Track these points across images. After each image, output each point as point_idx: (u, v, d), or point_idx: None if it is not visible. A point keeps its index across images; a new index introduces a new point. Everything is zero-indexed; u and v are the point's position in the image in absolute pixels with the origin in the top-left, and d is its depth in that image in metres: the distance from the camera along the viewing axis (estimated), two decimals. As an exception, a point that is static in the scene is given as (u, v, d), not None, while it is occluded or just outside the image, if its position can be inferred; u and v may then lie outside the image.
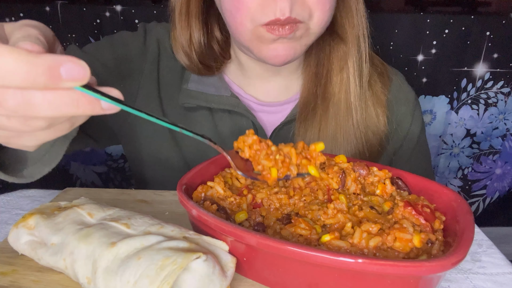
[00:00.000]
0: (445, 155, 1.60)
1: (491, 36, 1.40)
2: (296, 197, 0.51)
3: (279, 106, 0.83)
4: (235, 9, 0.66)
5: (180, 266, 0.37)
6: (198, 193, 0.52)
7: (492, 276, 0.49)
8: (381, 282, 0.38)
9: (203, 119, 0.80)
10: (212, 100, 0.78)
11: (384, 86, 0.83)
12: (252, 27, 0.66)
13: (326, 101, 0.78)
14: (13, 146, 0.40)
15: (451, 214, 0.48)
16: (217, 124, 0.80)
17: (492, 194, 1.68)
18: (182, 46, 0.77)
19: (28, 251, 0.46)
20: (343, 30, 0.76)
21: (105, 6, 1.31)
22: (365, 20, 0.76)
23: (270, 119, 0.83)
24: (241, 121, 0.80)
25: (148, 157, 0.83)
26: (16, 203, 0.64)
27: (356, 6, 0.75)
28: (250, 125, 0.80)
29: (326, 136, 0.77)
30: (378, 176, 0.56)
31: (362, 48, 0.77)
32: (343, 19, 0.76)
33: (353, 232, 0.44)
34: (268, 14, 0.64)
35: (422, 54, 1.42)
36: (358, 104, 0.78)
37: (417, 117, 0.88)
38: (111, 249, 0.40)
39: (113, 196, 0.64)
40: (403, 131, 0.87)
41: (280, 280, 0.43)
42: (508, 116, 1.54)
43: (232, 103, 0.78)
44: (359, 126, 0.78)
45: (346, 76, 0.77)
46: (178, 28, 0.77)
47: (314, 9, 0.66)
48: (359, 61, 0.77)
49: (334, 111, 0.77)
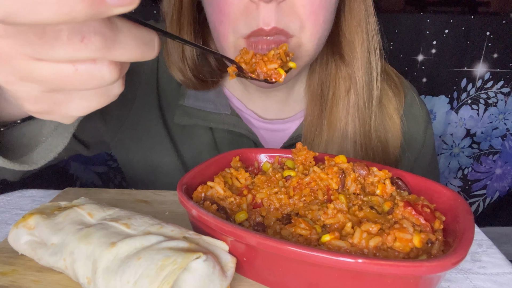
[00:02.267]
0: (445, 155, 1.60)
1: (491, 36, 1.40)
2: (296, 197, 0.51)
3: (281, 125, 0.78)
4: (217, 21, 0.60)
5: (180, 266, 0.37)
6: (198, 193, 0.52)
7: (492, 276, 0.49)
8: (381, 282, 0.38)
9: (202, 134, 0.75)
10: (211, 120, 0.73)
11: (399, 103, 0.77)
12: (234, 39, 0.60)
13: (332, 127, 0.72)
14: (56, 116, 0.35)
15: (451, 214, 0.48)
16: (217, 142, 0.76)
17: (492, 194, 1.68)
18: (175, 62, 0.72)
19: (28, 251, 0.46)
20: (351, 48, 0.69)
21: (105, 6, 1.30)
22: (376, 35, 0.69)
23: (273, 137, 0.78)
24: (242, 140, 0.75)
25: (143, 162, 0.78)
26: (16, 203, 0.64)
27: (367, 19, 0.68)
28: (251, 145, 0.75)
29: None
30: (378, 176, 0.56)
31: (373, 66, 0.70)
32: (352, 34, 0.68)
33: (353, 232, 0.44)
34: (250, 24, 0.57)
35: (422, 54, 1.42)
36: (367, 130, 0.71)
37: (429, 135, 0.83)
38: (111, 249, 0.40)
39: (113, 196, 0.64)
40: (414, 152, 0.81)
41: (280, 280, 0.43)
42: (508, 116, 1.54)
43: (233, 122, 0.73)
44: (367, 150, 0.72)
45: (353, 99, 0.70)
46: (169, 42, 0.72)
47: (305, 20, 0.58)
48: (369, 81, 0.70)
49: (339, 136, 0.72)
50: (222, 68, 0.76)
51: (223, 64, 0.76)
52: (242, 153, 0.61)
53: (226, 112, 0.74)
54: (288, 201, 0.51)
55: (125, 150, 0.80)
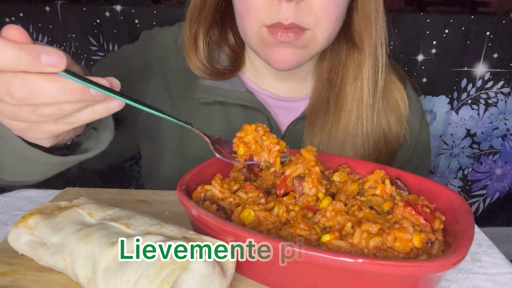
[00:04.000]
0: (445, 155, 1.60)
1: (491, 36, 1.39)
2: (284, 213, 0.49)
3: (294, 103, 0.83)
4: (244, 11, 0.67)
5: (180, 266, 0.37)
6: (198, 193, 0.52)
7: (492, 276, 0.49)
8: (381, 282, 0.38)
9: (216, 115, 0.80)
10: (228, 95, 0.78)
11: (402, 94, 0.83)
12: (257, 28, 0.67)
13: (338, 109, 0.78)
14: (29, 138, 0.49)
15: (451, 214, 0.48)
16: (231, 120, 0.80)
17: (492, 194, 1.68)
18: (191, 58, 0.78)
19: (28, 251, 0.46)
20: (360, 40, 0.76)
21: (105, 6, 1.30)
22: (384, 31, 0.76)
23: (285, 115, 0.83)
24: (256, 116, 0.80)
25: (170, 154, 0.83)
26: (14, 204, 0.64)
27: (376, 15, 0.74)
28: (264, 120, 0.80)
29: (335, 144, 0.77)
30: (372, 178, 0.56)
31: (379, 59, 0.77)
32: (362, 28, 0.75)
33: (353, 232, 0.44)
34: (272, 17, 0.64)
35: (422, 54, 1.42)
36: (370, 115, 0.77)
37: (425, 126, 0.89)
38: (111, 249, 0.40)
39: (113, 196, 0.64)
40: (413, 141, 0.87)
41: (280, 280, 0.43)
42: (508, 116, 1.54)
43: (247, 98, 0.79)
44: (368, 137, 0.78)
45: (360, 86, 0.76)
46: (186, 40, 0.78)
47: (320, 17, 0.66)
48: (375, 71, 0.77)
49: (345, 120, 0.77)
50: (237, 58, 0.81)
51: (240, 55, 0.82)
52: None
53: (241, 90, 0.80)
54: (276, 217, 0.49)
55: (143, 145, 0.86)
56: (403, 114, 0.82)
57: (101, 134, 0.62)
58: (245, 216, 0.48)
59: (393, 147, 0.82)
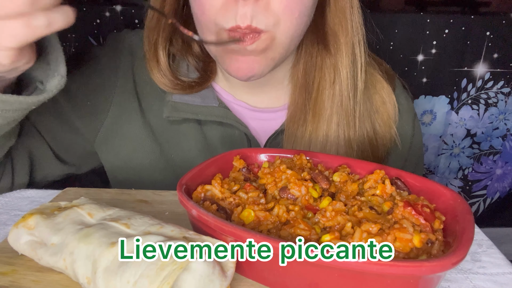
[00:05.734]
0: (446, 155, 1.60)
1: (491, 36, 1.40)
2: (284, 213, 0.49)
3: (272, 113, 0.78)
4: (200, 12, 0.62)
5: (180, 266, 0.37)
6: (198, 193, 0.52)
7: (492, 276, 0.49)
8: (381, 282, 0.38)
9: (191, 131, 0.74)
10: (199, 112, 0.72)
11: (391, 93, 0.77)
12: (216, 30, 0.62)
13: (317, 117, 0.72)
14: None
15: (451, 214, 0.48)
16: (207, 136, 0.75)
17: (492, 195, 1.68)
18: (155, 71, 0.72)
19: (28, 251, 0.46)
20: (335, 38, 0.69)
21: (105, 6, 1.31)
22: (360, 27, 0.70)
23: (264, 127, 0.77)
24: (233, 132, 0.74)
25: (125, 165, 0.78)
26: (14, 204, 0.64)
27: (351, 10, 0.68)
28: (242, 136, 0.75)
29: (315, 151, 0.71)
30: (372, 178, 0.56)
31: (357, 58, 0.70)
32: (336, 25, 0.69)
33: (353, 232, 0.44)
34: (229, 20, 0.59)
35: (422, 54, 1.42)
36: (351, 120, 0.72)
37: (417, 128, 0.84)
38: (111, 249, 0.40)
39: (113, 196, 0.64)
40: (405, 147, 0.82)
41: (280, 280, 0.43)
42: (508, 116, 1.54)
43: (220, 114, 0.73)
44: (351, 144, 0.72)
45: (338, 89, 0.70)
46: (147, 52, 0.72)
47: (280, 16, 0.60)
48: (353, 72, 0.70)
49: (325, 128, 0.72)
50: (207, 69, 0.76)
51: (211, 65, 0.76)
52: (242, 152, 0.61)
53: (213, 105, 0.74)
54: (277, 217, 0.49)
55: (108, 155, 0.79)
56: (391, 117, 0.77)
57: (49, 81, 0.56)
58: (245, 216, 0.48)
59: (380, 152, 0.76)
